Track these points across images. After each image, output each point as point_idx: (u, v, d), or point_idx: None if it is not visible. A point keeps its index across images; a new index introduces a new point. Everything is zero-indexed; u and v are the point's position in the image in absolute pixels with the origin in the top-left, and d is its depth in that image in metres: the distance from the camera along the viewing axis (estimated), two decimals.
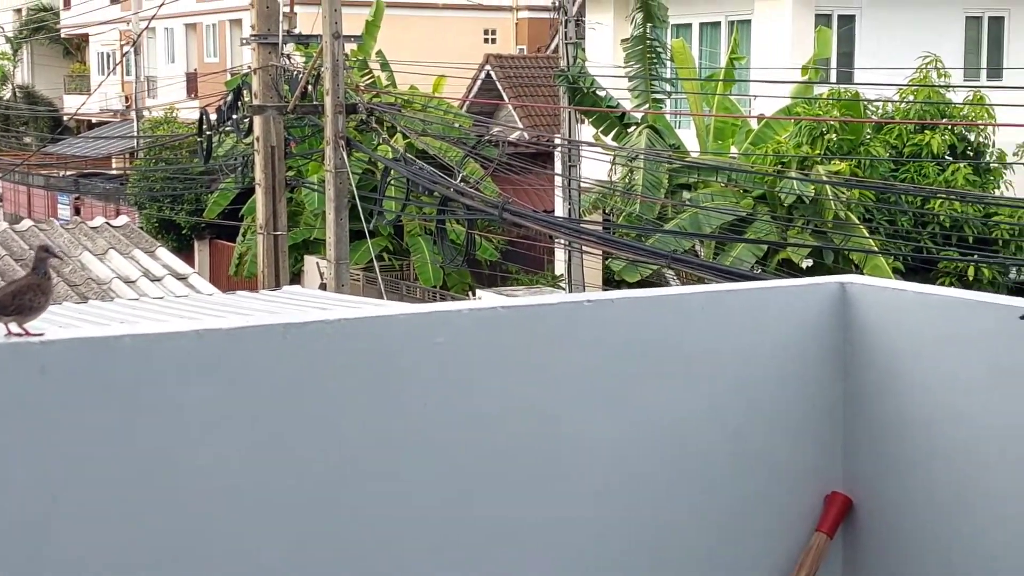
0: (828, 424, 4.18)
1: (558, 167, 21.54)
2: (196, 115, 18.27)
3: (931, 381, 3.92)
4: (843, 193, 16.15)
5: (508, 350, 3.75)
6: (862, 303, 4.09)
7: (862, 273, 14.84)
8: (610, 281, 21.36)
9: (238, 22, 40.25)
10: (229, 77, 29.58)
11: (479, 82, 31.95)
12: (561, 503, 3.81)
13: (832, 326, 4.13)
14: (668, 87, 20.25)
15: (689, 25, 23.68)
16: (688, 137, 19.78)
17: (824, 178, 15.87)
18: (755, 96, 20.41)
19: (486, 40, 45.08)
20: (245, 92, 15.11)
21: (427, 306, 3.96)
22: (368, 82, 24.99)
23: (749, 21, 22.59)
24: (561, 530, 3.81)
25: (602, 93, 19.26)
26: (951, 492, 3.90)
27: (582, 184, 19.47)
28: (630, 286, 18.84)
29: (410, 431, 3.59)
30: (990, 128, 16.66)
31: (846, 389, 4.15)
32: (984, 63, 22.85)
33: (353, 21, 17.84)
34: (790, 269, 16.03)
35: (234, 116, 15.59)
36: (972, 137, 16.89)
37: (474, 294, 23.11)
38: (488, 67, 32.08)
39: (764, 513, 4.14)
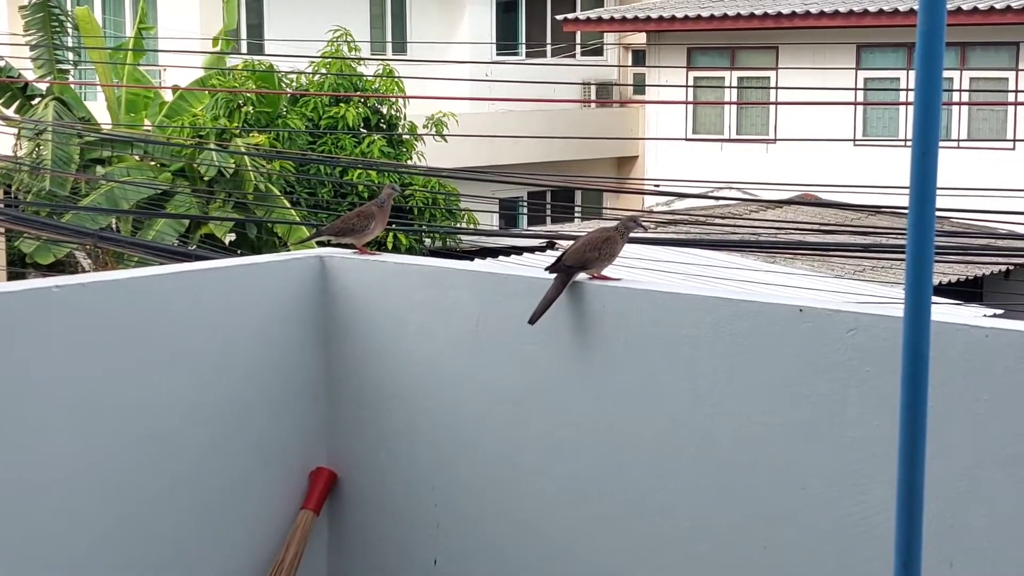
0: (311, 400, 4.12)
1: None
2: None
3: (413, 350, 3.96)
4: (263, 166, 16.16)
5: None
6: (343, 276, 4.05)
7: (287, 246, 14.94)
8: (17, 263, 20.12)
9: None
10: None
11: None
12: (27, 503, 3.50)
13: (312, 301, 4.07)
14: (73, 56, 19.29)
15: None
16: (98, 110, 18.94)
17: (243, 150, 15.79)
18: (166, 67, 19.91)
19: None
20: None
21: None
22: None
23: None
24: (23, 534, 3.50)
25: (1, 63, 18.03)
26: (435, 458, 3.96)
27: None
28: (42, 268, 17.82)
29: None
30: (401, 101, 17.28)
31: (328, 363, 4.11)
32: (389, 37, 23.69)
33: None
34: (213, 244, 15.81)
35: None
36: (385, 110, 17.43)
37: None
38: None
39: (249, 495, 4.03)
